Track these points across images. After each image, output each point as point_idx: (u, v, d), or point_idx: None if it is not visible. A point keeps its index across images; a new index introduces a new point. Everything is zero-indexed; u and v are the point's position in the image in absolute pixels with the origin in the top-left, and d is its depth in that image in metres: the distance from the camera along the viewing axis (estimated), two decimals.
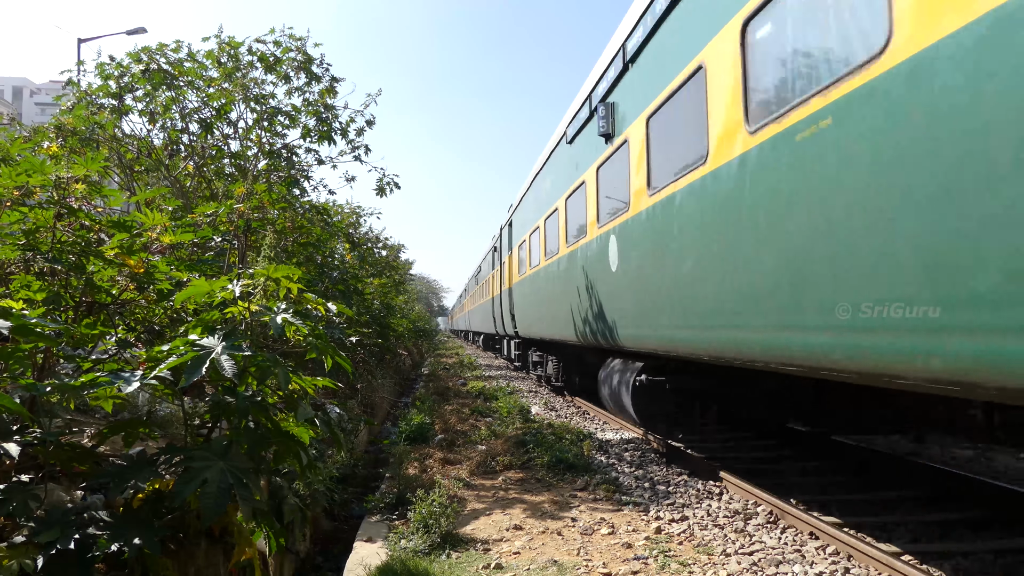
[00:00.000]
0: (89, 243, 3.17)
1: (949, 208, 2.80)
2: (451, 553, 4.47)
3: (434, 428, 9.00)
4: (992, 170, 2.60)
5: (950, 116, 2.79)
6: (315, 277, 7.39)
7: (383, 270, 17.91)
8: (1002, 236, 2.57)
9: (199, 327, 2.85)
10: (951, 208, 2.79)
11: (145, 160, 8.01)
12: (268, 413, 2.78)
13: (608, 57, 7.92)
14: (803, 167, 3.83)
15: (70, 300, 3.13)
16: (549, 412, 11.49)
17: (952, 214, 2.78)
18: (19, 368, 2.57)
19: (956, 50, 2.76)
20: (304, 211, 8.05)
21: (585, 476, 6.58)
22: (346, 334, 5.23)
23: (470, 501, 5.78)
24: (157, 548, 2.20)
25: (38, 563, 2.01)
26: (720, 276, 4.92)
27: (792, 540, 4.73)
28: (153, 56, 7.67)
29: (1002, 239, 2.57)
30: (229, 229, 5.08)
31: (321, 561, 5.09)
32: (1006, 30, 2.52)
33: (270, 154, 8.36)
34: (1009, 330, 2.54)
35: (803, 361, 3.97)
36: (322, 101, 8.50)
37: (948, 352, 2.83)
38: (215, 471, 2.32)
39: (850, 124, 3.38)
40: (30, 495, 2.19)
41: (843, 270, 3.47)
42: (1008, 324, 2.54)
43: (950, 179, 2.79)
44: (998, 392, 2.72)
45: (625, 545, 4.63)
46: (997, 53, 2.57)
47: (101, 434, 2.70)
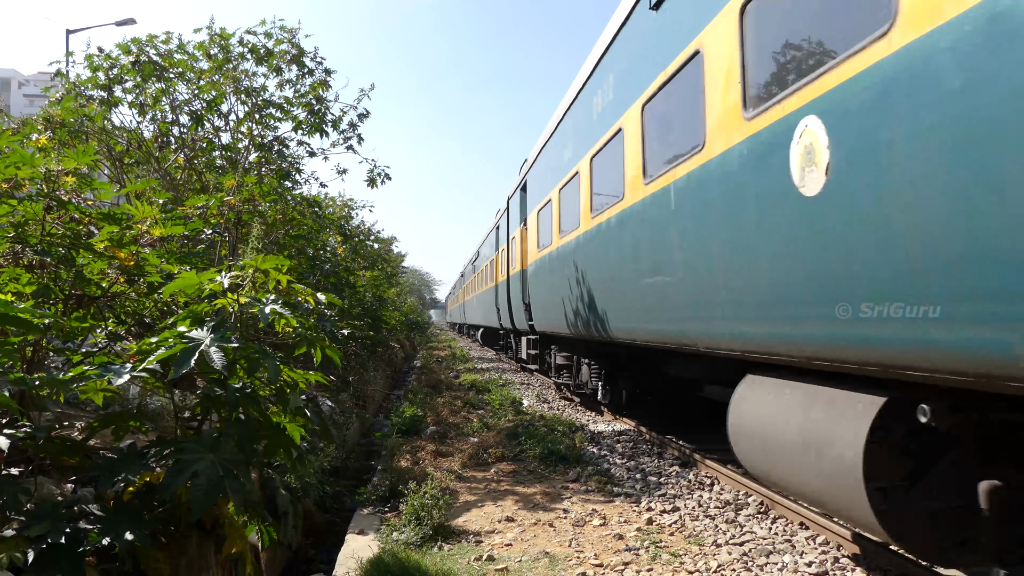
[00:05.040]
0: (79, 236, 3.16)
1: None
2: (443, 545, 4.48)
3: (426, 420, 9.02)
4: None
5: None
6: (307, 270, 7.38)
7: (375, 263, 17.89)
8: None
9: (188, 319, 2.84)
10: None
11: (135, 152, 7.96)
12: (258, 405, 2.78)
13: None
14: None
15: (59, 293, 3.11)
16: (541, 404, 11.52)
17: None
18: (8, 361, 2.55)
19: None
20: (295, 203, 8.03)
21: (577, 468, 6.61)
22: (337, 326, 5.23)
23: (462, 493, 5.79)
24: (148, 541, 2.20)
25: (29, 557, 2.01)
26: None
27: (783, 530, 4.76)
28: (143, 48, 7.62)
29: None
30: (219, 222, 5.07)
31: (313, 554, 5.10)
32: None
33: (261, 147, 8.33)
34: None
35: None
36: (314, 94, 8.47)
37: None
38: (205, 463, 2.32)
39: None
40: (20, 489, 2.18)
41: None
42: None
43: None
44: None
45: (617, 536, 4.65)
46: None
47: (91, 427, 2.69)
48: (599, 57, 7.69)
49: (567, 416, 10.06)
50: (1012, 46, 2.30)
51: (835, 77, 3.24)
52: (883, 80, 2.92)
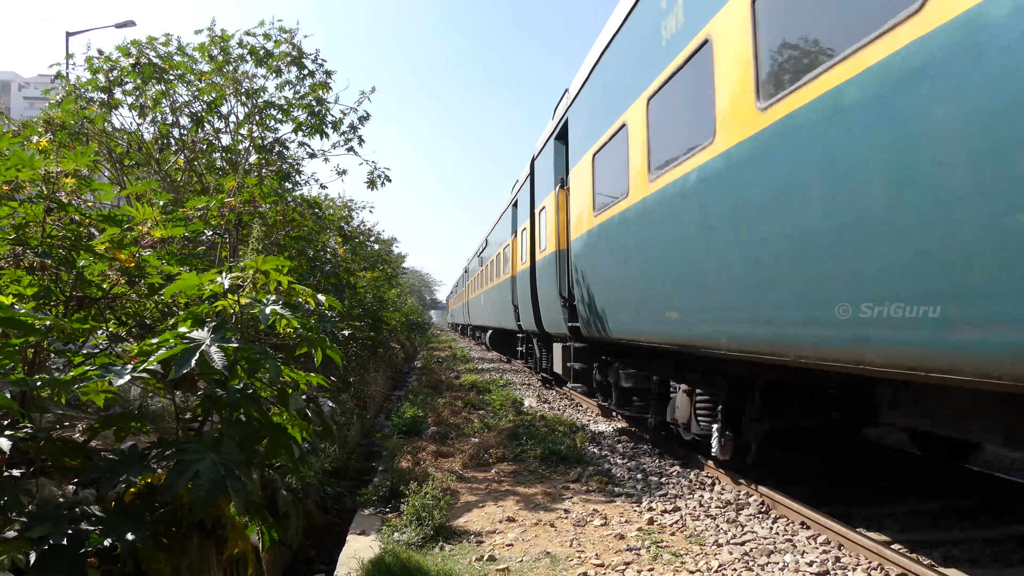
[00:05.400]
0: (79, 237, 3.16)
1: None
2: (444, 545, 4.48)
3: (427, 421, 9.01)
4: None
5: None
6: (307, 271, 7.38)
7: (376, 263, 17.90)
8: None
9: (189, 320, 2.85)
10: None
11: (135, 154, 7.97)
12: (259, 406, 2.78)
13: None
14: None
15: (60, 295, 3.11)
16: (542, 405, 11.52)
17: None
18: (9, 363, 2.56)
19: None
20: (296, 205, 8.03)
21: (578, 468, 6.60)
22: (338, 327, 5.23)
23: (463, 493, 5.79)
24: (149, 542, 2.21)
25: (31, 558, 2.01)
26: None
27: (783, 530, 4.76)
28: (143, 50, 7.63)
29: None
30: (220, 223, 5.07)
31: (314, 554, 5.10)
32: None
33: (261, 149, 8.33)
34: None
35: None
36: (314, 95, 8.47)
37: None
38: (206, 464, 2.32)
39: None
40: (22, 490, 2.19)
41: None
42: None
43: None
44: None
45: (618, 536, 4.65)
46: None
47: (92, 428, 2.70)
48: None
49: (568, 416, 10.06)
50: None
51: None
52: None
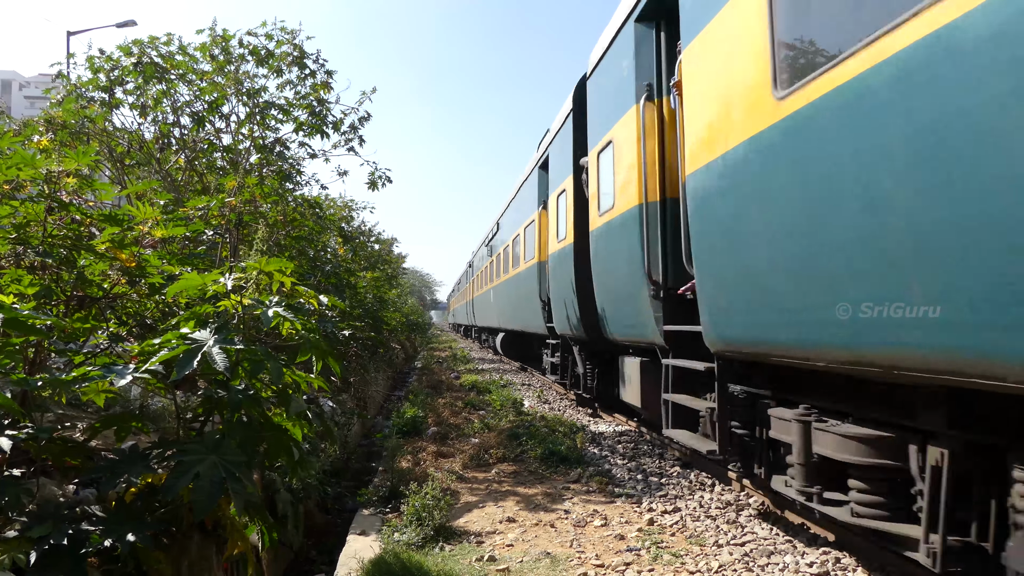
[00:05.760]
0: (80, 237, 3.16)
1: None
2: (444, 546, 4.48)
3: (427, 421, 9.01)
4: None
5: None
6: (307, 271, 7.38)
7: (376, 263, 17.89)
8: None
9: (191, 320, 2.85)
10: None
11: (136, 154, 7.95)
12: (260, 407, 2.78)
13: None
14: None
15: (61, 294, 3.11)
16: (542, 405, 11.52)
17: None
18: (10, 362, 2.56)
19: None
20: (296, 204, 8.03)
21: (578, 468, 6.60)
22: (339, 327, 5.23)
23: (463, 494, 5.79)
24: (150, 543, 2.21)
25: (31, 558, 2.01)
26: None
27: (784, 530, 4.76)
28: (144, 49, 7.62)
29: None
30: (221, 223, 5.07)
31: (315, 554, 5.09)
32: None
33: (262, 149, 8.33)
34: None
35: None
36: (315, 95, 8.46)
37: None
38: (207, 464, 2.32)
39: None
40: (22, 490, 2.19)
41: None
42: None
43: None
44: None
45: (618, 537, 4.65)
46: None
47: (93, 428, 2.70)
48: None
49: (568, 417, 10.06)
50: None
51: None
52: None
